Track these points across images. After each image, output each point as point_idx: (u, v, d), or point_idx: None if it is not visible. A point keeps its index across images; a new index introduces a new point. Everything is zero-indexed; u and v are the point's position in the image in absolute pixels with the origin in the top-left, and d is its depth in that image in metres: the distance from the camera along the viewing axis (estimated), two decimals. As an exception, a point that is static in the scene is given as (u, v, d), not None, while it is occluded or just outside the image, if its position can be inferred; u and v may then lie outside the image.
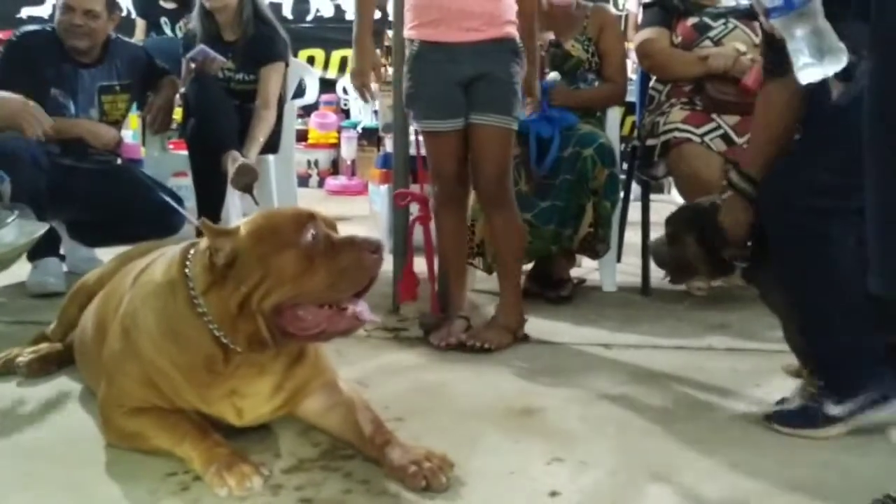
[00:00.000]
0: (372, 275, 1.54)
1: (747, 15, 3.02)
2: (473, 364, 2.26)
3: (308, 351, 1.68)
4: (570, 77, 3.07)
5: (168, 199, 2.90)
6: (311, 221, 1.53)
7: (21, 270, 2.89)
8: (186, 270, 1.57)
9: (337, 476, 1.56)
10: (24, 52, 2.94)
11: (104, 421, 1.69)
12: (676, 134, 2.88)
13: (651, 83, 3.22)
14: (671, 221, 2.02)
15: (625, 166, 3.38)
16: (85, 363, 1.95)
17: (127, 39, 3.49)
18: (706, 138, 2.86)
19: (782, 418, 1.80)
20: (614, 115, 3.19)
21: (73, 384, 2.02)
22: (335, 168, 6.46)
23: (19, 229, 2.40)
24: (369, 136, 6.09)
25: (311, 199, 4.93)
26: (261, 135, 3.29)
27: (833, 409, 1.75)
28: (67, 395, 1.98)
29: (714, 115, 2.91)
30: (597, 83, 3.13)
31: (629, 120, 4.12)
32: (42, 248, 2.83)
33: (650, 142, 3.02)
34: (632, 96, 3.49)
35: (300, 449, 1.68)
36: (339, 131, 6.41)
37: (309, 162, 6.36)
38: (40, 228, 2.52)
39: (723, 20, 3.08)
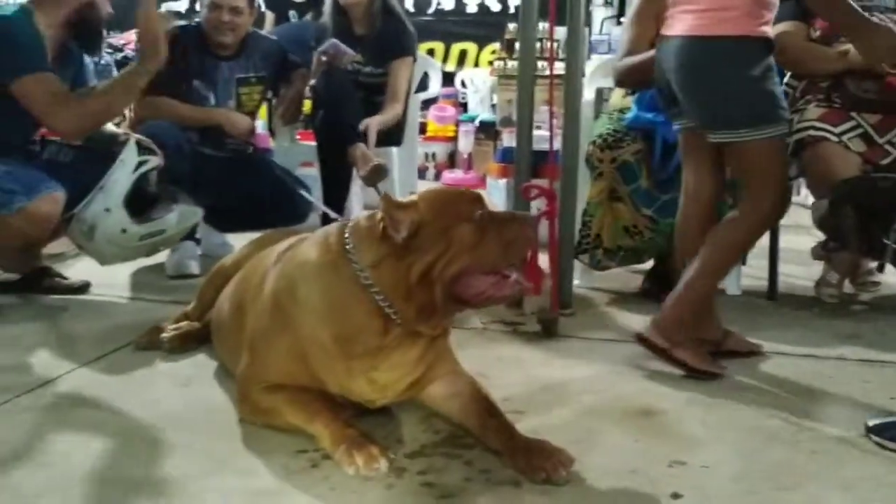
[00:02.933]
0: (533, 246, 1.75)
1: (894, 9, 2.86)
2: (591, 362, 2.25)
3: (438, 339, 1.73)
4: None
5: (300, 188, 3.02)
6: (479, 199, 1.67)
7: (161, 253, 3.07)
8: (347, 247, 1.66)
9: (458, 463, 1.60)
10: (171, 46, 3.11)
11: (241, 395, 1.78)
12: (812, 132, 2.76)
13: (785, 79, 3.09)
14: (839, 187, 1.96)
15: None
16: (221, 341, 2.06)
17: (263, 33, 3.65)
18: (844, 137, 2.72)
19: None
20: (744, 112, 3.09)
21: (210, 361, 2.15)
22: (452, 161, 6.52)
23: (181, 214, 2.68)
24: (486, 130, 6.13)
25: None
26: (386, 118, 3.37)
27: None
28: (204, 370, 2.10)
29: (853, 114, 2.76)
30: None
31: (758, 117, 3.98)
32: (182, 233, 3.02)
33: (782, 141, 2.91)
34: (763, 93, 3.36)
35: (422, 435, 1.72)
36: (456, 125, 6.47)
37: (426, 155, 6.43)
38: (197, 214, 2.78)
39: (866, 14, 2.91)
